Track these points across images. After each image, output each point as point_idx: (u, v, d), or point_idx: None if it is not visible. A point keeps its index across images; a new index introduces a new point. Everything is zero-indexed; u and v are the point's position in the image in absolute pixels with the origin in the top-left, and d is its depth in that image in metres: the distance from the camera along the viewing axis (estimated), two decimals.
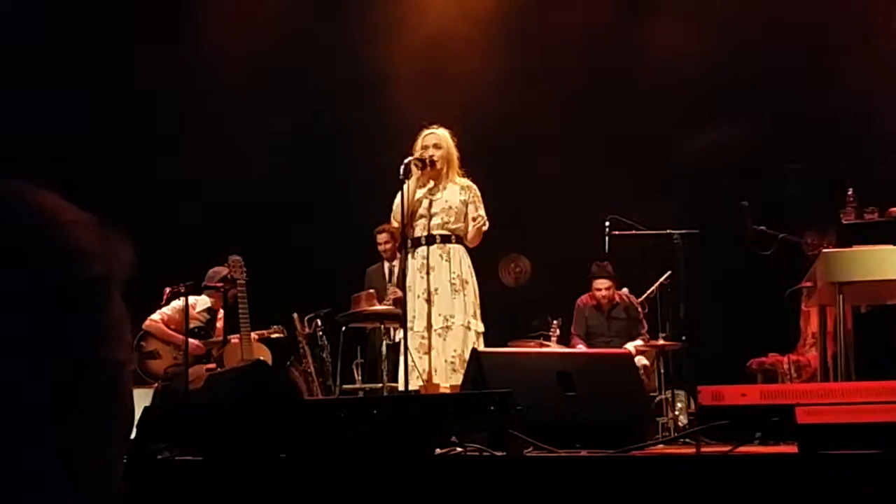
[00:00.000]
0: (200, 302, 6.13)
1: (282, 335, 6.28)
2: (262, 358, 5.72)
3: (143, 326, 5.96)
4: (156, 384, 5.82)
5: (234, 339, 5.93)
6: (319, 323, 6.64)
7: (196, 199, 6.97)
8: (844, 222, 4.44)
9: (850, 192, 4.51)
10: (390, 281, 6.37)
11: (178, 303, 6.08)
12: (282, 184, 7.15)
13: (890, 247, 4.08)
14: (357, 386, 6.44)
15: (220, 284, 6.05)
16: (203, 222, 6.92)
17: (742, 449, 2.73)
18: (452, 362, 4.36)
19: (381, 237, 6.48)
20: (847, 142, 6.35)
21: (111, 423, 0.65)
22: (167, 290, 6.19)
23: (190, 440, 3.02)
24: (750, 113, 6.78)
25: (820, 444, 2.49)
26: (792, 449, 2.63)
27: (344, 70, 7.18)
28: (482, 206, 4.67)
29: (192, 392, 5.30)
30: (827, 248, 4.57)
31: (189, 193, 6.97)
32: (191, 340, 5.90)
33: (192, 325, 5.95)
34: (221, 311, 6.16)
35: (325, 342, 6.63)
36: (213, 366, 5.90)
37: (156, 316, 6.04)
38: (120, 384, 0.65)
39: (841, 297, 4.09)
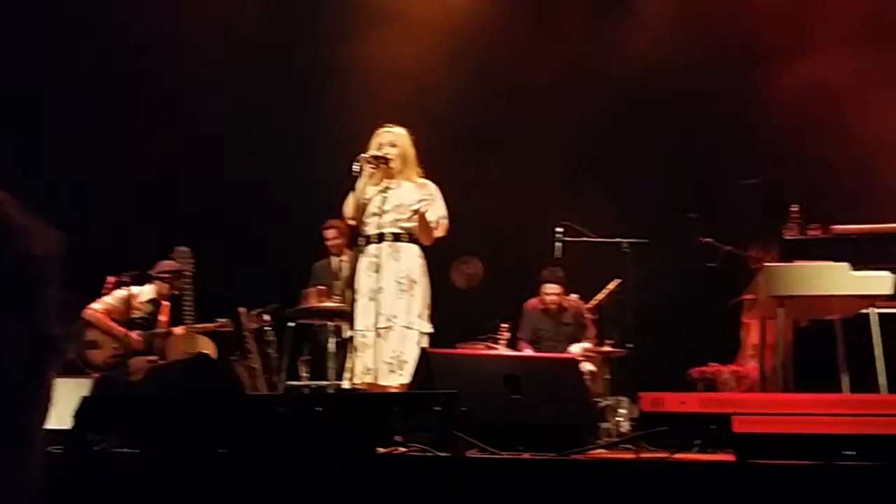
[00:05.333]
0: (144, 292, 6.04)
1: (227, 329, 6.21)
2: (205, 351, 5.65)
3: (84, 315, 5.84)
4: (95, 374, 5.72)
5: (178, 331, 5.84)
6: (266, 318, 6.58)
7: (146, 190, 6.87)
8: (787, 238, 4.54)
9: (794, 209, 4.61)
10: (337, 277, 6.35)
11: (120, 293, 5.97)
12: (232, 177, 7.06)
13: (830, 263, 4.17)
14: (303, 383, 6.40)
15: (165, 275, 5.96)
16: (152, 213, 6.82)
17: (680, 455, 2.78)
18: (390, 363, 4.32)
19: (329, 233, 6.49)
20: (793, 160, 6.50)
21: (47, 399, 0.64)
22: (111, 279, 6.08)
23: (128, 432, 2.96)
24: (703, 130, 6.90)
25: (755, 453, 2.55)
26: (729, 457, 2.68)
27: (297, 67, 7.14)
28: (442, 205, 4.59)
29: (132, 383, 5.22)
30: (770, 262, 4.67)
31: (138, 184, 6.86)
32: (131, 332, 5.80)
33: (134, 316, 5.86)
34: (166, 303, 6.07)
35: (272, 338, 6.57)
36: (155, 358, 5.81)
37: (97, 305, 5.92)
38: (56, 363, 0.65)
39: (781, 310, 4.18)
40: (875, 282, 4.09)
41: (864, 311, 4.20)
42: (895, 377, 4.10)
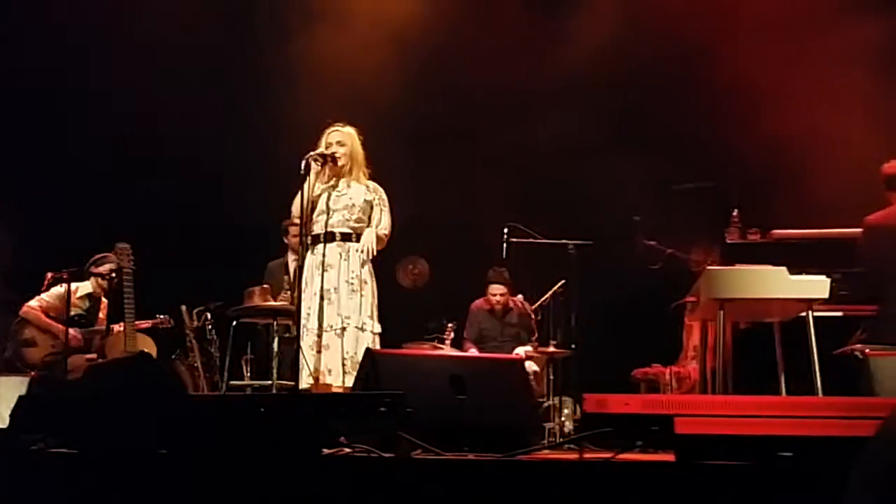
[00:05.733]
0: (81, 288, 5.89)
1: (169, 326, 6.10)
2: (145, 350, 5.54)
3: (21, 313, 5.70)
4: (32, 373, 5.57)
5: (118, 328, 5.72)
6: (209, 316, 6.48)
7: (86, 183, 6.72)
8: (728, 241, 4.64)
9: (734, 213, 4.72)
10: (287, 275, 6.29)
11: (57, 289, 5.83)
12: (176, 173, 6.94)
13: (770, 267, 4.27)
14: (245, 382, 6.32)
15: (104, 271, 5.83)
16: (93, 208, 6.68)
17: (623, 456, 2.81)
18: (344, 363, 4.33)
19: (294, 229, 6.39)
20: (735, 165, 6.63)
21: None
22: (49, 275, 5.93)
23: (65, 432, 2.89)
24: (647, 131, 7.00)
25: (696, 454, 2.59)
26: (670, 457, 2.72)
27: (246, 64, 7.06)
28: (388, 213, 4.63)
29: (70, 382, 5.09)
30: (711, 265, 4.76)
31: (78, 176, 6.71)
32: (70, 330, 5.66)
33: (72, 313, 5.72)
34: (105, 300, 5.94)
35: (214, 336, 6.47)
36: (94, 356, 5.69)
37: (34, 302, 5.77)
38: None
39: (722, 313, 4.26)
40: (813, 286, 4.19)
41: (802, 314, 4.31)
42: (830, 379, 4.21)
